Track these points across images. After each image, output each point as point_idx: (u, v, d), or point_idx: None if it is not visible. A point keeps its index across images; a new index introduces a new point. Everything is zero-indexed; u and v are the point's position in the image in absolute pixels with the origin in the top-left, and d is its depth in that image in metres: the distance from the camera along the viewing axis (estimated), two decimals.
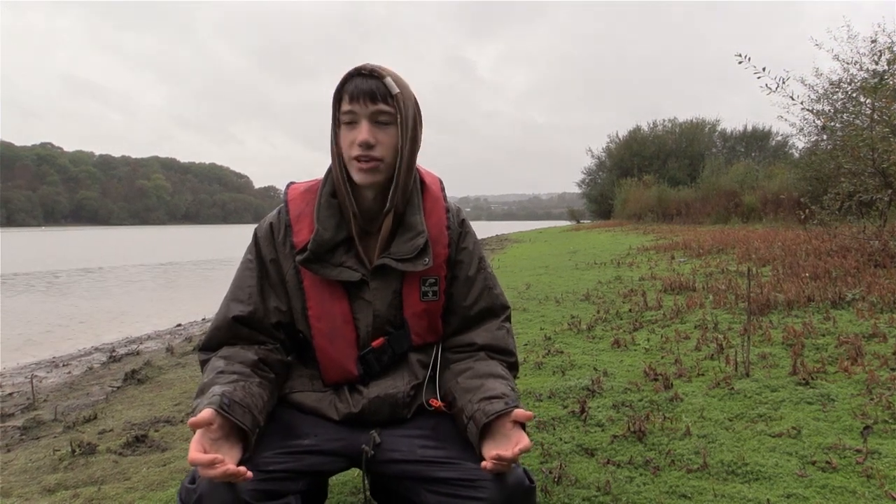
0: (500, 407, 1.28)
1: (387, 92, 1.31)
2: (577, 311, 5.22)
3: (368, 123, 1.31)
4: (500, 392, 1.32)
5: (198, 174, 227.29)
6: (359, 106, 1.31)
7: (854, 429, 2.26)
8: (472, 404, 1.33)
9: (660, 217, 25.26)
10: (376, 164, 1.33)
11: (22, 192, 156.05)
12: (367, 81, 1.31)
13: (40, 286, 13.24)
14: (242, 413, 1.23)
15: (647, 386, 2.94)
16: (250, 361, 1.36)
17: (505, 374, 1.43)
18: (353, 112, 1.31)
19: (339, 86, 1.33)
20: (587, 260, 10.22)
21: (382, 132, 1.32)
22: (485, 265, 1.53)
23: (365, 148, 1.31)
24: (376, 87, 1.31)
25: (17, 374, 5.17)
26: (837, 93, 9.65)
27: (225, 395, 1.22)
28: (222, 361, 1.34)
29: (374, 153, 1.31)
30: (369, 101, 1.30)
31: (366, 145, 1.31)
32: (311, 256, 1.36)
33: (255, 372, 1.35)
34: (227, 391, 1.24)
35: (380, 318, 1.42)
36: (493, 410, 1.27)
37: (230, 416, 1.20)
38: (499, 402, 1.29)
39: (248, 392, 1.27)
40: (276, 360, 1.43)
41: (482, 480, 1.24)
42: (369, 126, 1.31)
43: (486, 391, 1.33)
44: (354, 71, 1.32)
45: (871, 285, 4.73)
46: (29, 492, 2.27)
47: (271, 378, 1.39)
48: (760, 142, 39.66)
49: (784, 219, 15.11)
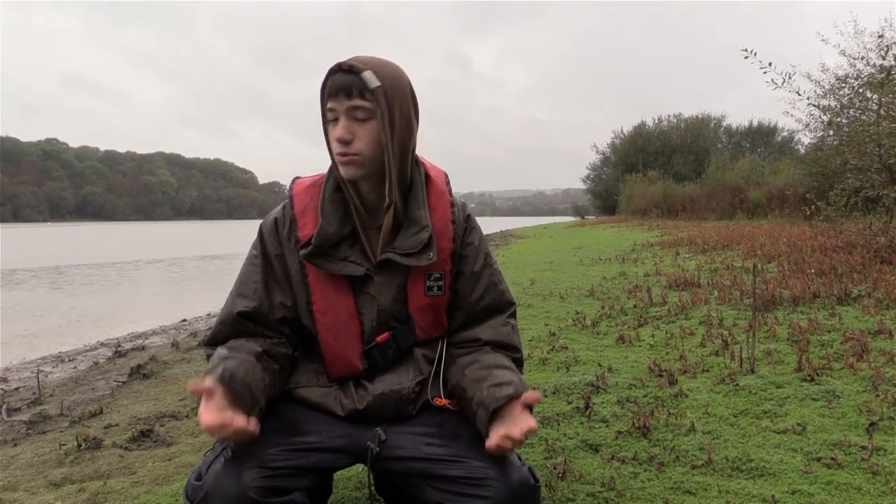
0: (510, 391, 1.29)
1: (364, 86, 1.30)
2: (581, 307, 5.22)
3: (345, 119, 1.31)
4: (508, 379, 1.33)
5: (202, 170, 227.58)
6: (336, 102, 1.31)
7: (859, 425, 2.25)
8: (481, 391, 1.33)
9: (665, 213, 25.19)
10: (354, 159, 1.32)
11: (27, 188, 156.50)
12: (344, 77, 1.30)
13: (46, 282, 13.30)
14: (242, 388, 1.24)
15: (651, 382, 2.94)
16: (254, 352, 1.36)
17: (511, 365, 1.43)
18: (332, 109, 1.32)
19: (322, 83, 1.34)
20: (592, 256, 10.21)
21: (361, 127, 1.32)
22: (490, 261, 1.53)
23: (342, 144, 1.31)
24: (352, 82, 1.30)
25: (23, 369, 5.19)
26: (844, 88, 9.61)
27: (226, 371, 1.24)
28: (226, 350, 1.35)
29: (350, 149, 1.31)
30: (344, 97, 1.30)
31: (342, 141, 1.31)
32: (316, 251, 1.36)
33: (259, 360, 1.36)
34: (229, 367, 1.26)
35: (384, 312, 1.42)
36: (504, 395, 1.28)
37: (230, 387, 1.22)
38: (508, 387, 1.30)
39: (249, 372, 1.29)
40: (280, 353, 1.43)
41: (488, 479, 1.24)
42: (346, 122, 1.31)
43: (495, 378, 1.34)
44: (335, 67, 1.32)
45: (877, 282, 4.71)
46: (35, 486, 2.28)
47: (274, 368, 1.39)
48: (766, 137, 39.53)
49: (790, 215, 15.07)
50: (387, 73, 1.32)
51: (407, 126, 1.36)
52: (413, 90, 1.39)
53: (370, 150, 1.33)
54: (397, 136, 1.34)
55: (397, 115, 1.33)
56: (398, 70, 1.36)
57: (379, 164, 1.35)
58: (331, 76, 1.32)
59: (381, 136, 1.32)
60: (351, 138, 1.31)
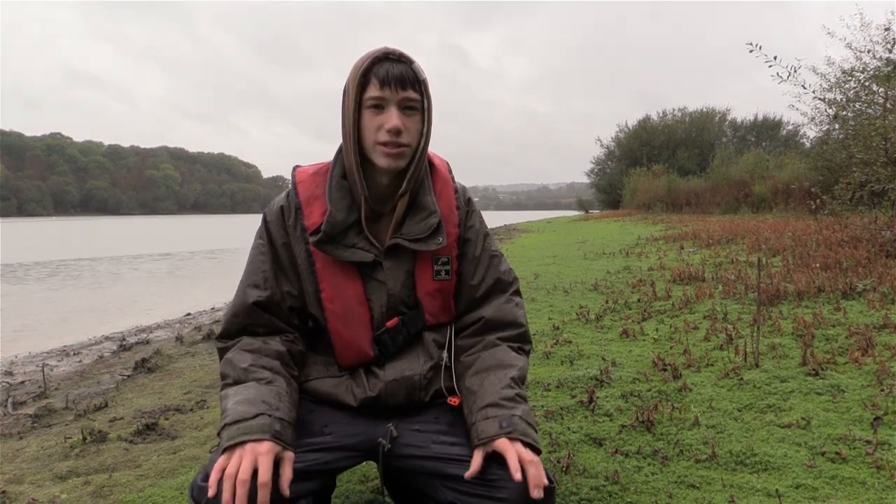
0: (493, 431, 1.26)
1: (416, 78, 1.30)
2: (585, 301, 5.21)
3: (398, 110, 1.30)
4: (497, 399, 1.31)
5: (206, 164, 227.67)
6: (389, 91, 1.29)
7: (864, 420, 2.25)
8: (472, 414, 1.33)
9: (669, 207, 25.15)
10: (403, 150, 1.32)
11: (32, 182, 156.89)
12: (396, 66, 1.29)
13: (50, 276, 13.34)
14: (290, 433, 1.24)
15: (655, 376, 2.94)
16: (277, 354, 1.36)
17: (509, 362, 1.41)
18: (381, 97, 1.30)
19: (364, 68, 1.30)
20: (596, 250, 10.20)
21: (410, 119, 1.32)
22: (489, 242, 1.53)
23: (394, 135, 1.30)
24: (406, 72, 1.29)
25: (29, 363, 5.21)
26: (850, 81, 9.56)
27: (276, 422, 1.21)
28: (249, 356, 1.33)
29: (402, 139, 1.31)
30: (399, 87, 1.29)
31: (396, 132, 1.29)
32: (325, 238, 1.35)
33: (284, 367, 1.36)
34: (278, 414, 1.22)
35: (393, 298, 1.42)
36: (487, 435, 1.26)
37: (284, 444, 1.20)
38: (493, 422, 1.27)
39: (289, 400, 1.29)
40: (297, 351, 1.43)
41: (502, 480, 1.22)
42: (398, 112, 1.30)
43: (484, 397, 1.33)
44: (382, 54, 1.30)
45: (883, 276, 4.69)
46: (41, 479, 2.29)
47: (295, 375, 1.40)
48: (771, 131, 39.39)
49: (795, 209, 15.02)
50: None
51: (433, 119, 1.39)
52: None
53: (415, 142, 1.34)
54: (431, 129, 1.37)
55: (432, 109, 1.36)
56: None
57: (412, 156, 1.36)
58: (379, 63, 1.30)
59: (424, 128, 1.35)
60: (404, 129, 1.31)
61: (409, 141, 1.32)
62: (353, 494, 1.93)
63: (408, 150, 1.33)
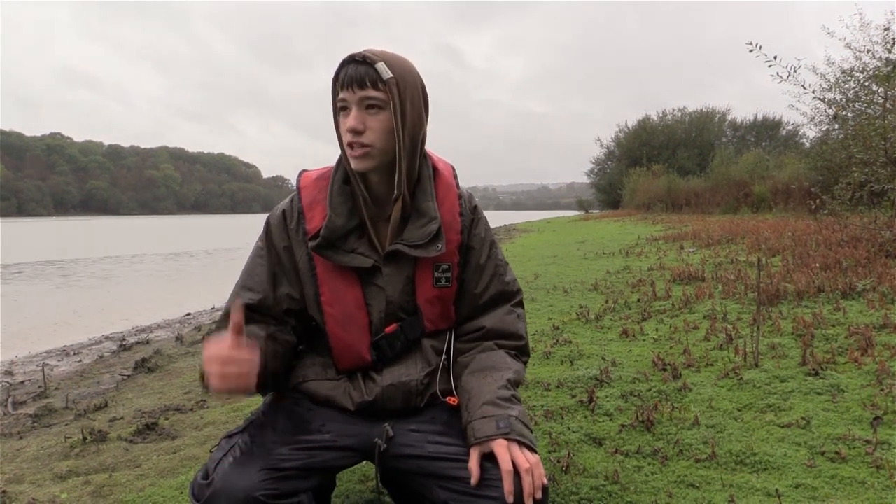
0: (490, 431, 1.26)
1: (377, 77, 1.29)
2: (585, 301, 5.21)
3: (357, 110, 1.31)
4: (493, 398, 1.32)
5: (206, 164, 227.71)
6: (349, 93, 1.30)
7: (864, 419, 2.25)
8: (468, 412, 1.33)
9: (669, 207, 25.15)
10: (366, 150, 1.32)
11: (32, 182, 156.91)
12: (357, 68, 1.30)
13: (50, 276, 13.34)
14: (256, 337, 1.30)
15: (655, 376, 2.94)
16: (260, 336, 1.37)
17: (506, 365, 1.42)
18: (344, 99, 1.32)
19: (335, 74, 1.33)
20: (596, 250, 10.20)
21: (373, 118, 1.31)
22: (496, 252, 1.53)
23: (354, 134, 1.30)
24: (366, 72, 1.29)
25: (29, 363, 5.22)
26: (849, 81, 9.55)
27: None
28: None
29: (363, 139, 1.31)
30: (358, 87, 1.30)
31: (353, 131, 1.30)
32: (324, 242, 1.36)
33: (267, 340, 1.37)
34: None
35: (393, 304, 1.42)
36: (484, 434, 1.26)
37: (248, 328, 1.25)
38: (489, 422, 1.28)
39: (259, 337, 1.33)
40: (284, 339, 1.43)
41: (496, 480, 1.22)
42: (358, 112, 1.31)
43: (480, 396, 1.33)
44: (349, 58, 1.32)
45: (882, 276, 4.69)
46: (41, 478, 2.29)
47: (279, 350, 1.40)
48: (771, 131, 39.42)
49: (794, 209, 15.02)
50: (399, 65, 1.32)
51: (417, 118, 1.36)
52: (423, 84, 1.39)
53: (381, 142, 1.32)
54: (408, 127, 1.34)
55: (409, 107, 1.33)
56: (409, 63, 1.36)
57: (389, 157, 1.34)
58: (344, 67, 1.31)
59: (392, 127, 1.32)
60: (363, 128, 1.30)
61: (371, 141, 1.31)
62: (352, 494, 1.93)
63: (373, 150, 1.32)
